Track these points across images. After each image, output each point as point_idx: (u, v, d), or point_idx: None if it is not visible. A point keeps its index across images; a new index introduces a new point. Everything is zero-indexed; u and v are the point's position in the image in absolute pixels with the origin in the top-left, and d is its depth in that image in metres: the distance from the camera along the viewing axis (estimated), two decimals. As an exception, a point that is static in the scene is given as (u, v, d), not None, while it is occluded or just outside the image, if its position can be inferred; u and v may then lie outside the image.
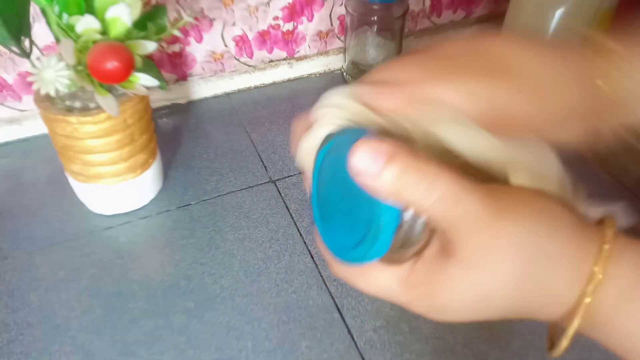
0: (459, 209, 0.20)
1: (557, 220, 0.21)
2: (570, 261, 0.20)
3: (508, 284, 0.21)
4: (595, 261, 0.20)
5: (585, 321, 0.21)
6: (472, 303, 0.21)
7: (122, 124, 0.58)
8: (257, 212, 0.68)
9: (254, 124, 0.83)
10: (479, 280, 0.21)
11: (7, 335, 0.54)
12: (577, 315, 0.20)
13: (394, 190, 0.20)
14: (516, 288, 0.21)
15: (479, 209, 0.20)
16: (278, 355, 0.53)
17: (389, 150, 0.20)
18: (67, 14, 0.51)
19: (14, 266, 0.61)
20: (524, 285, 0.21)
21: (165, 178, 0.72)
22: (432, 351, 0.53)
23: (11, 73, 0.75)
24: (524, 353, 0.53)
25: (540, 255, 0.20)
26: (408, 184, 0.20)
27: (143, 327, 0.55)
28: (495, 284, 0.21)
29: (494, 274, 0.20)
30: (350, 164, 0.20)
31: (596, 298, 0.20)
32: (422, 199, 0.20)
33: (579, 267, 0.20)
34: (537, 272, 0.20)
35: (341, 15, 0.92)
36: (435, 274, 0.22)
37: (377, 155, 0.20)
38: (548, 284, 0.21)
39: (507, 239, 0.20)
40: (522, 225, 0.20)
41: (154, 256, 0.63)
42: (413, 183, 0.20)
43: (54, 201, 0.69)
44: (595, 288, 0.20)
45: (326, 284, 0.60)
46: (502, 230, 0.20)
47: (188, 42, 0.83)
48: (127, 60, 0.50)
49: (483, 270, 0.21)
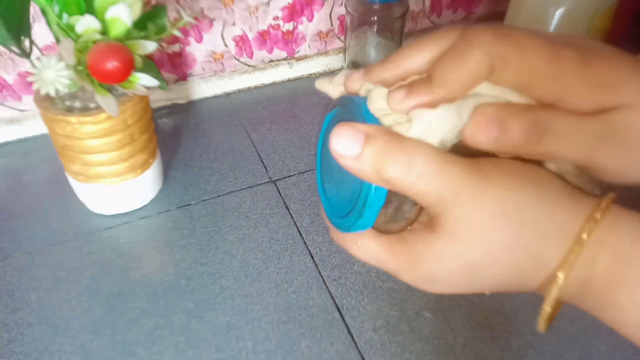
0: (440, 182, 0.20)
1: (544, 188, 0.21)
2: (559, 228, 0.20)
3: (495, 253, 0.20)
4: (583, 225, 0.20)
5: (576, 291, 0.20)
6: (458, 274, 0.21)
7: (122, 124, 0.58)
8: (257, 212, 0.68)
9: (254, 124, 0.83)
10: (463, 250, 0.21)
11: (7, 335, 0.54)
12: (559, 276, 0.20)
13: (374, 170, 0.20)
14: (505, 257, 0.20)
15: (460, 180, 0.20)
16: (278, 355, 0.53)
17: (367, 131, 0.20)
18: (67, 14, 0.51)
19: (14, 266, 0.61)
20: (513, 254, 0.20)
21: (165, 178, 0.72)
22: (432, 351, 0.53)
23: (11, 73, 0.75)
24: (524, 353, 0.53)
25: (527, 222, 0.20)
26: (387, 163, 0.20)
27: (143, 327, 0.55)
28: (482, 253, 0.20)
29: (481, 243, 0.20)
30: (331, 147, 0.20)
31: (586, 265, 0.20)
32: (403, 177, 0.20)
33: (567, 233, 0.20)
34: (525, 239, 0.20)
35: (341, 15, 0.92)
36: (419, 245, 0.22)
37: (355, 137, 0.20)
38: (537, 252, 0.20)
39: (493, 208, 0.20)
40: (508, 193, 0.20)
41: (154, 256, 0.63)
42: (392, 162, 0.20)
43: (54, 201, 0.69)
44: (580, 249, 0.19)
45: (326, 284, 0.60)
46: (487, 199, 0.20)
47: (188, 42, 0.83)
48: (127, 60, 0.50)
49: (468, 240, 0.20)
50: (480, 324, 0.56)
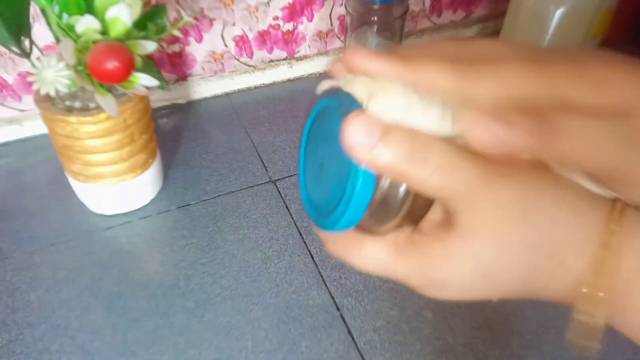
0: (456, 177, 0.19)
1: (562, 188, 0.20)
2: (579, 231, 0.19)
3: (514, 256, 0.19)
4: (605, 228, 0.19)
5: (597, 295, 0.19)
6: (474, 278, 0.20)
7: (122, 124, 0.58)
8: (257, 212, 0.68)
9: (254, 124, 0.83)
10: (482, 251, 0.19)
11: (7, 335, 0.54)
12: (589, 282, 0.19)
13: (389, 164, 0.19)
14: (523, 260, 0.19)
15: (477, 176, 0.19)
16: (278, 355, 0.53)
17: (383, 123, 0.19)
18: (67, 14, 0.51)
19: (14, 266, 0.61)
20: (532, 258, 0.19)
21: (165, 178, 0.72)
22: (432, 351, 0.53)
23: (11, 73, 0.75)
24: (524, 353, 0.53)
25: (548, 224, 0.19)
26: (403, 157, 0.19)
27: (143, 327, 0.55)
28: (500, 255, 0.19)
29: (499, 244, 0.19)
30: (343, 137, 0.19)
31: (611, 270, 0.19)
32: (419, 171, 0.19)
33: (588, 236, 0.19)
34: (545, 243, 0.19)
35: (341, 15, 0.92)
36: (434, 247, 0.21)
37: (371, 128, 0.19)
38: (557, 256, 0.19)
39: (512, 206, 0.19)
40: (528, 193, 0.19)
41: (154, 256, 0.63)
42: (408, 156, 0.19)
43: (54, 201, 0.69)
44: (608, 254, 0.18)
45: (326, 284, 0.60)
46: (506, 197, 0.19)
47: (188, 42, 0.83)
48: (127, 60, 0.50)
49: (485, 240, 0.19)
50: (480, 324, 0.56)
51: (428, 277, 0.21)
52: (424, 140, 0.19)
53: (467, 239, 0.20)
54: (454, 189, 0.19)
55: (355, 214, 0.21)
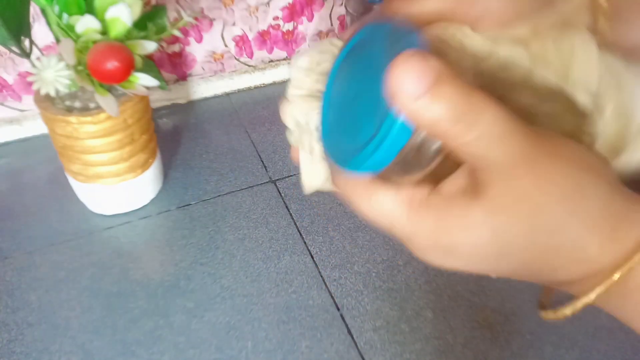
0: (501, 148, 0.18)
1: (600, 177, 0.19)
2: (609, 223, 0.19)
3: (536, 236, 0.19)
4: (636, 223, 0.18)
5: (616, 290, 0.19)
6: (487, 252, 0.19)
7: (122, 124, 0.58)
8: (257, 212, 0.68)
9: (254, 124, 0.83)
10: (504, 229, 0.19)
11: (7, 335, 0.54)
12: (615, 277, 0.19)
13: (432, 119, 0.17)
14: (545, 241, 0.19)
15: (523, 151, 0.18)
16: (278, 355, 0.53)
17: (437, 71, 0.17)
18: (67, 14, 0.51)
19: (14, 266, 0.61)
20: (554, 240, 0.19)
21: (165, 178, 0.72)
22: (432, 351, 0.53)
23: (11, 73, 0.75)
24: (524, 353, 0.53)
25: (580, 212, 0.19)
26: (450, 115, 0.17)
27: (143, 327, 0.55)
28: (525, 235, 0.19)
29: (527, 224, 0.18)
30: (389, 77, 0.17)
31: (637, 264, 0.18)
32: (463, 134, 0.17)
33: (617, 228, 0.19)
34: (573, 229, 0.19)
35: (341, 15, 0.92)
36: (452, 212, 0.19)
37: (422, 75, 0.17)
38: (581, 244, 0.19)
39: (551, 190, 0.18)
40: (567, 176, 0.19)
41: (154, 256, 0.63)
42: (454, 116, 0.17)
43: (54, 201, 0.69)
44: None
45: (326, 284, 0.60)
46: (547, 179, 0.18)
47: (188, 42, 0.83)
48: (127, 60, 0.50)
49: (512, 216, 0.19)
50: (480, 324, 0.56)
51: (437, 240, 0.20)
52: (476, 100, 0.18)
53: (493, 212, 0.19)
54: (495, 160, 0.18)
55: (383, 159, 0.19)
